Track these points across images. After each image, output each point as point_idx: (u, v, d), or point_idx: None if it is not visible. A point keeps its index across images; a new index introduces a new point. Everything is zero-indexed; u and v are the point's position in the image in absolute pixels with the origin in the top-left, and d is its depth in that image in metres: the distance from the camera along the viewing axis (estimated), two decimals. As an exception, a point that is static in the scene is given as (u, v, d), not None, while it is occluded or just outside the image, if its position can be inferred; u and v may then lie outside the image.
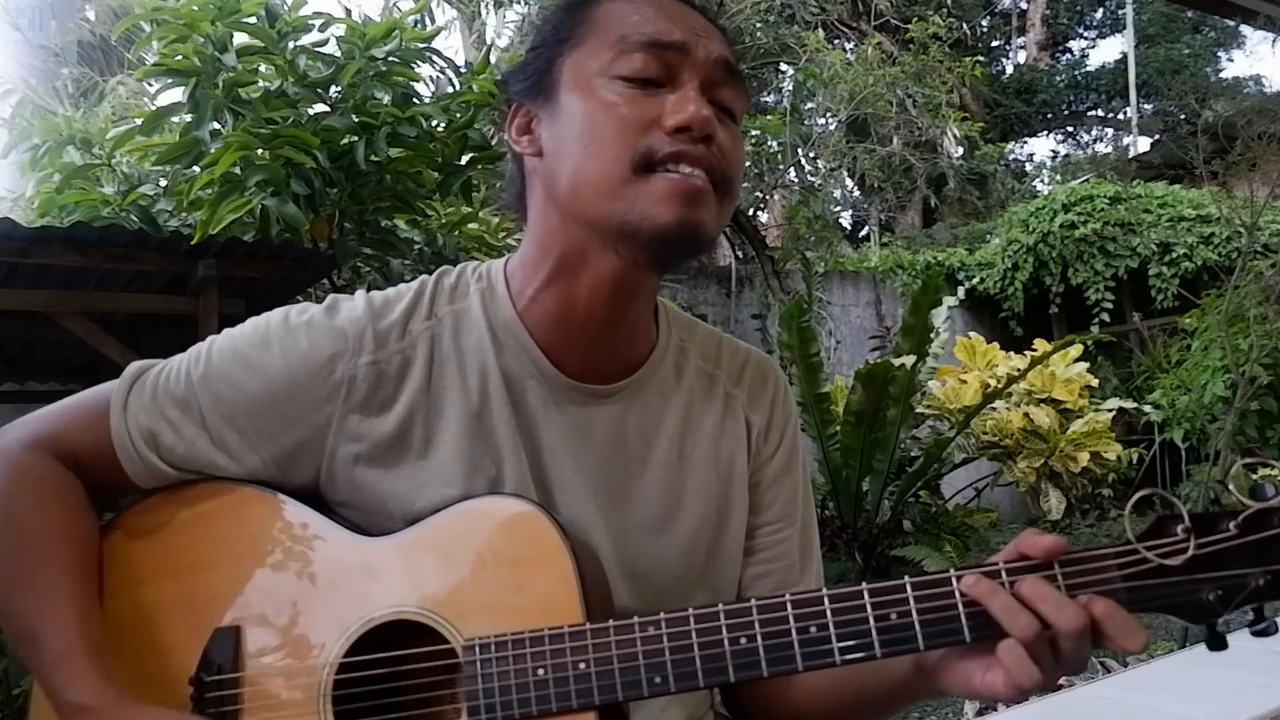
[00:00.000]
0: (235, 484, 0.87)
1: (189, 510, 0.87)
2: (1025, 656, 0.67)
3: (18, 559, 0.80)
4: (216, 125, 3.02)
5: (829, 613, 0.71)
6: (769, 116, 9.02)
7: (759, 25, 8.71)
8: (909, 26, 9.12)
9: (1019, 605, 0.67)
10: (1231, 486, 0.68)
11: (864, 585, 0.71)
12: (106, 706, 0.75)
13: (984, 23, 17.22)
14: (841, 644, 0.70)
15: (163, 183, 3.48)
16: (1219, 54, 16.37)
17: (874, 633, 0.70)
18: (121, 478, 0.86)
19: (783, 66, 10.65)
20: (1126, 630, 0.66)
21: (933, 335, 5.25)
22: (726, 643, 0.72)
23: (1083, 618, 0.66)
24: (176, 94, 3.13)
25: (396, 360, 0.85)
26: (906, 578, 0.71)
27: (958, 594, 0.70)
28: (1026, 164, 16.17)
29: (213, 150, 2.90)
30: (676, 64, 0.80)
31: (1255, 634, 0.67)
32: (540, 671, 0.74)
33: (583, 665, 0.73)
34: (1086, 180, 9.82)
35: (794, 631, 0.71)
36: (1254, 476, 0.68)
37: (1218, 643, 0.68)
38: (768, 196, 9.52)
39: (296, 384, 0.84)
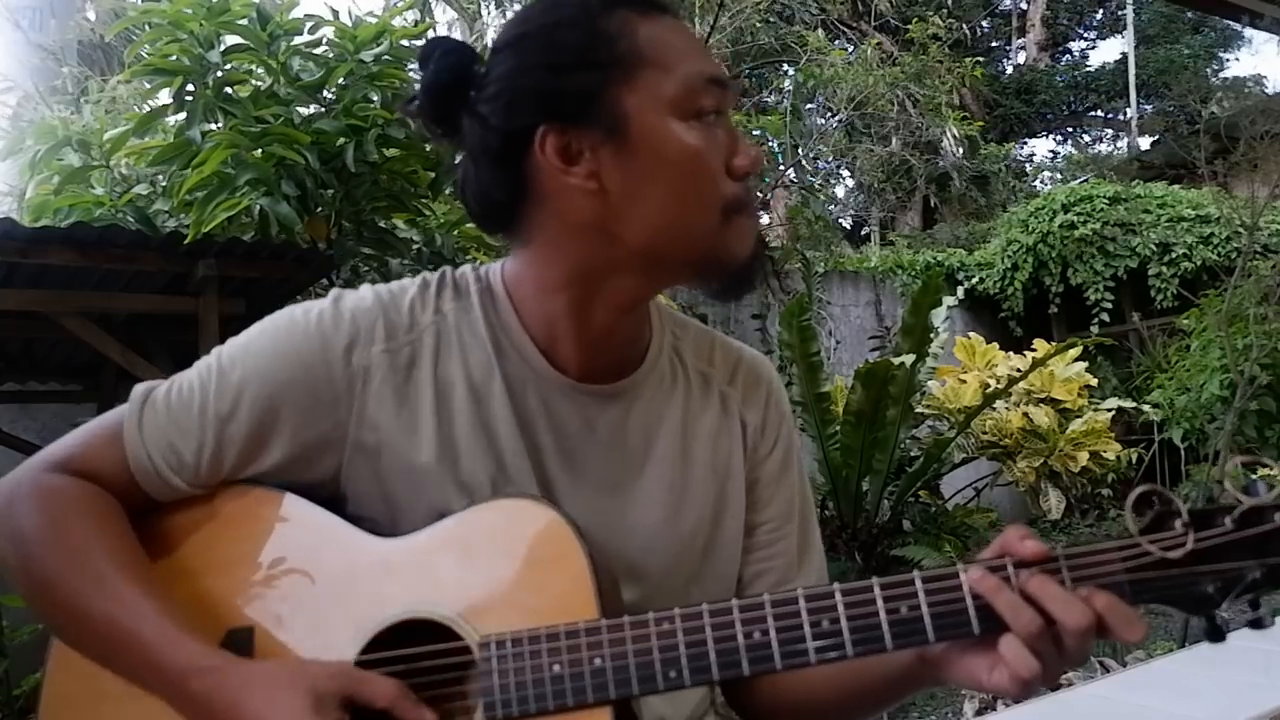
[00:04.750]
0: (250, 486, 0.87)
1: (204, 512, 0.87)
2: (1028, 651, 0.68)
3: (80, 569, 0.80)
4: (209, 125, 3.02)
5: (840, 606, 0.72)
6: (769, 116, 9.01)
7: (759, 25, 8.71)
8: (909, 27, 9.13)
9: (1023, 601, 0.68)
10: (1228, 484, 0.70)
11: (874, 580, 0.72)
12: (227, 664, 0.76)
13: (984, 23, 17.21)
14: (854, 637, 0.71)
15: (162, 181, 3.47)
16: (1219, 54, 16.37)
17: (885, 625, 0.71)
18: (142, 497, 0.85)
19: (783, 66, 10.66)
20: (1127, 622, 0.67)
21: (932, 335, 5.26)
22: (741, 637, 0.72)
23: (1089, 615, 0.67)
24: (169, 96, 3.14)
25: (406, 352, 0.86)
26: (916, 572, 0.72)
27: (966, 589, 0.71)
28: (1026, 164, 16.16)
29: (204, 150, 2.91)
30: (723, 101, 0.82)
31: (1251, 624, 0.69)
32: (556, 667, 0.74)
33: (598, 661, 0.73)
34: (1086, 180, 9.81)
35: (807, 625, 0.72)
36: (1253, 476, 0.70)
37: (1216, 634, 0.70)
38: (768, 196, 9.51)
39: (315, 379, 0.84)
